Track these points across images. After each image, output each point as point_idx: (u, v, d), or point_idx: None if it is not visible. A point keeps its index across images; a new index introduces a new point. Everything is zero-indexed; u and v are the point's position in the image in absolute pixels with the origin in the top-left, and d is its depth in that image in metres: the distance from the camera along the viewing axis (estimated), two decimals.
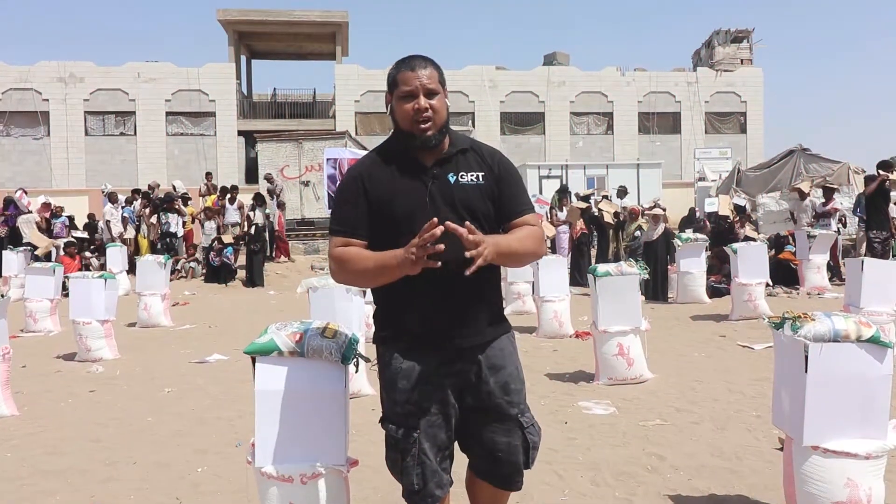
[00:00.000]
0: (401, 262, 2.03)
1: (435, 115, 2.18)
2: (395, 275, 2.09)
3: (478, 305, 2.27)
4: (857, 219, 13.39)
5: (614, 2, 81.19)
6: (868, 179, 11.59)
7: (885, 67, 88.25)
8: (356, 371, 2.71)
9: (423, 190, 2.19)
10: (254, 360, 2.58)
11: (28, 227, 14.80)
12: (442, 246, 1.95)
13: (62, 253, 13.46)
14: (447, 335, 2.23)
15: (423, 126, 2.17)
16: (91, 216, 17.24)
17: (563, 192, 16.68)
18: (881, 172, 11.00)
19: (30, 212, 15.34)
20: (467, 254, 1.97)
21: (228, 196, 15.84)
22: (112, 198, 15.47)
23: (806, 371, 2.69)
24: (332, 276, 2.32)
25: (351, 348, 2.62)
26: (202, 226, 15.79)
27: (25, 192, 16.27)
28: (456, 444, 2.39)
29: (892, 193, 11.64)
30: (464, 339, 2.25)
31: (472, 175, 2.24)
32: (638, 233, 12.57)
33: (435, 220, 1.95)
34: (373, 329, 7.70)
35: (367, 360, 2.76)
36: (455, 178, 2.23)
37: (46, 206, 15.69)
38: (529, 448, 2.34)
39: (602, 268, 5.75)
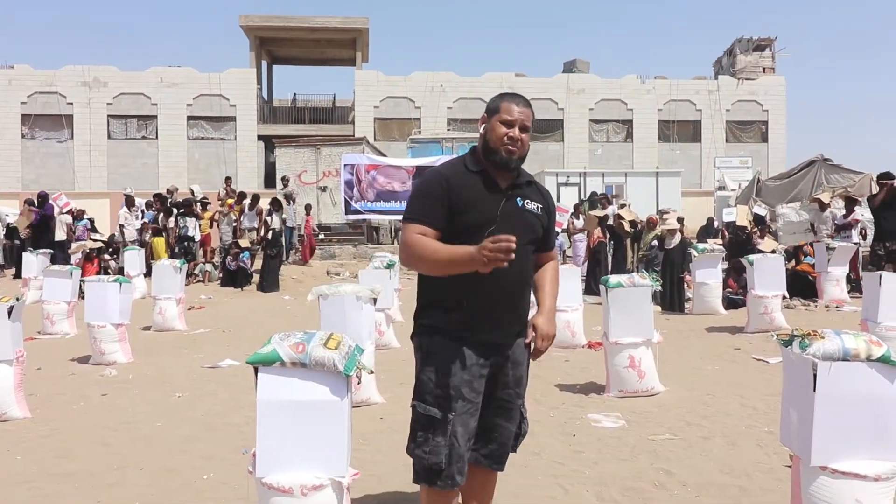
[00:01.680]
0: (473, 258, 2.30)
1: (521, 146, 2.56)
2: (462, 269, 2.37)
3: (519, 309, 2.62)
4: None
5: (635, 9, 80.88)
6: (871, 198, 11.50)
7: None
8: (359, 382, 2.72)
9: (495, 206, 2.53)
10: (256, 371, 2.59)
11: (61, 227, 15.12)
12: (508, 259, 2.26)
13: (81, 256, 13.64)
14: (493, 329, 2.53)
15: (511, 149, 2.53)
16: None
17: (592, 202, 16.62)
18: (883, 182, 10.88)
19: (65, 212, 15.70)
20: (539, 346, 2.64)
21: (248, 202, 15.92)
22: (129, 202, 15.62)
23: (814, 390, 2.63)
24: (402, 260, 2.59)
25: (354, 359, 2.63)
26: (219, 226, 15.90)
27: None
28: None
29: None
30: (505, 336, 2.57)
31: (535, 204, 2.64)
32: (655, 242, 12.48)
33: (513, 238, 2.25)
34: (384, 335, 7.67)
35: (370, 371, 2.77)
36: (522, 202, 2.61)
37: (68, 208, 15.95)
38: (520, 435, 2.73)
39: (614, 279, 5.71)
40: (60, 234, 15.04)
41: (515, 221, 2.53)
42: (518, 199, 2.59)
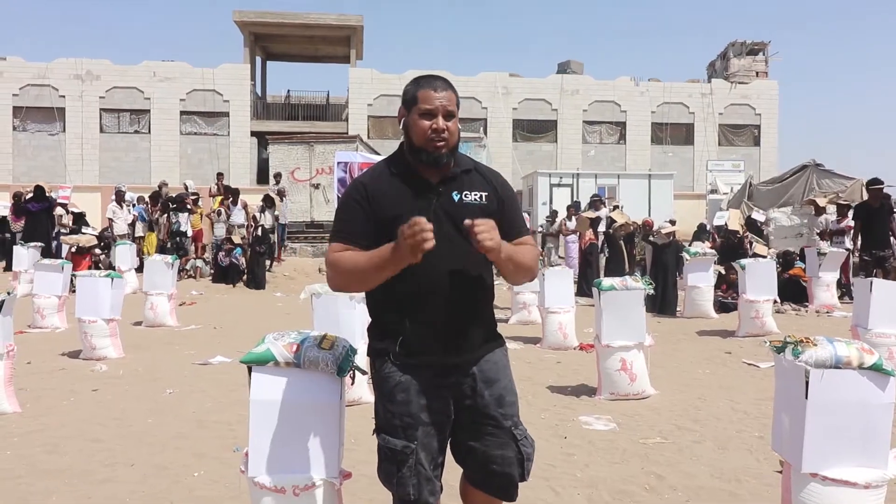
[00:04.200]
0: (395, 250, 2.06)
1: (450, 136, 2.26)
2: (391, 268, 2.11)
3: (473, 323, 2.33)
4: None
5: (629, 11, 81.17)
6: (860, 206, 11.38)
7: None
8: (353, 383, 2.71)
9: (428, 207, 2.23)
10: (250, 370, 2.58)
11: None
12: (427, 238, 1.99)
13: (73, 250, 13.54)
14: (442, 351, 2.28)
15: (437, 144, 2.24)
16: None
17: (593, 203, 16.54)
18: (873, 188, 10.88)
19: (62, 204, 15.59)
20: (477, 231, 2.08)
21: (231, 198, 15.87)
22: (119, 197, 15.53)
23: (806, 397, 2.65)
24: (328, 281, 2.33)
25: (347, 360, 2.61)
26: (212, 225, 15.85)
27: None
28: (449, 453, 2.43)
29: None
30: (458, 355, 2.31)
31: (475, 194, 2.31)
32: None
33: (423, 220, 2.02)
34: None
35: (363, 371, 2.76)
36: (459, 196, 2.29)
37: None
38: (524, 460, 2.38)
39: (607, 282, 5.72)
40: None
41: (455, 222, 2.22)
42: (454, 192, 2.29)
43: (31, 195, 14.72)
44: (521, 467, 2.38)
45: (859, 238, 10.90)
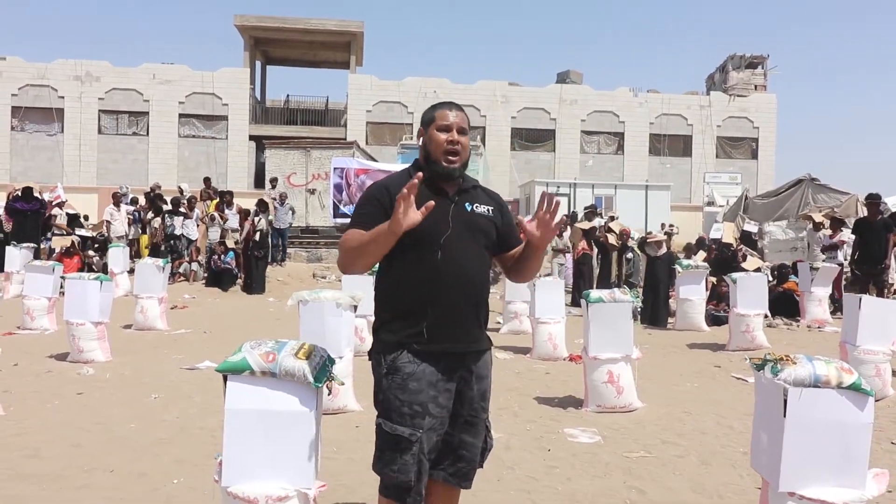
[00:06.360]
0: (389, 223, 2.28)
1: (462, 150, 2.51)
2: (387, 239, 2.33)
3: (479, 315, 2.56)
4: None
5: (629, 22, 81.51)
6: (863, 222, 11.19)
7: None
8: (329, 393, 2.70)
9: (446, 212, 2.47)
10: (225, 379, 2.57)
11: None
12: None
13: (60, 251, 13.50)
14: (459, 339, 2.48)
15: (451, 157, 2.48)
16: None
17: (588, 215, 16.51)
18: (868, 203, 10.82)
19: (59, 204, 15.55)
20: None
21: (226, 201, 15.84)
22: (115, 199, 15.50)
23: (784, 415, 2.64)
24: (339, 265, 2.54)
25: (324, 370, 2.61)
26: (207, 230, 15.81)
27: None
28: None
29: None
30: (470, 344, 2.52)
31: (484, 207, 2.59)
32: (629, 255, 12.54)
33: (414, 183, 2.27)
34: (366, 342, 7.67)
35: (340, 382, 2.75)
36: (471, 207, 2.55)
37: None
38: (486, 449, 2.65)
39: (594, 294, 5.70)
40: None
41: (468, 226, 2.50)
42: (466, 203, 2.53)
43: (17, 194, 14.63)
44: (482, 456, 2.63)
45: (857, 253, 10.82)
